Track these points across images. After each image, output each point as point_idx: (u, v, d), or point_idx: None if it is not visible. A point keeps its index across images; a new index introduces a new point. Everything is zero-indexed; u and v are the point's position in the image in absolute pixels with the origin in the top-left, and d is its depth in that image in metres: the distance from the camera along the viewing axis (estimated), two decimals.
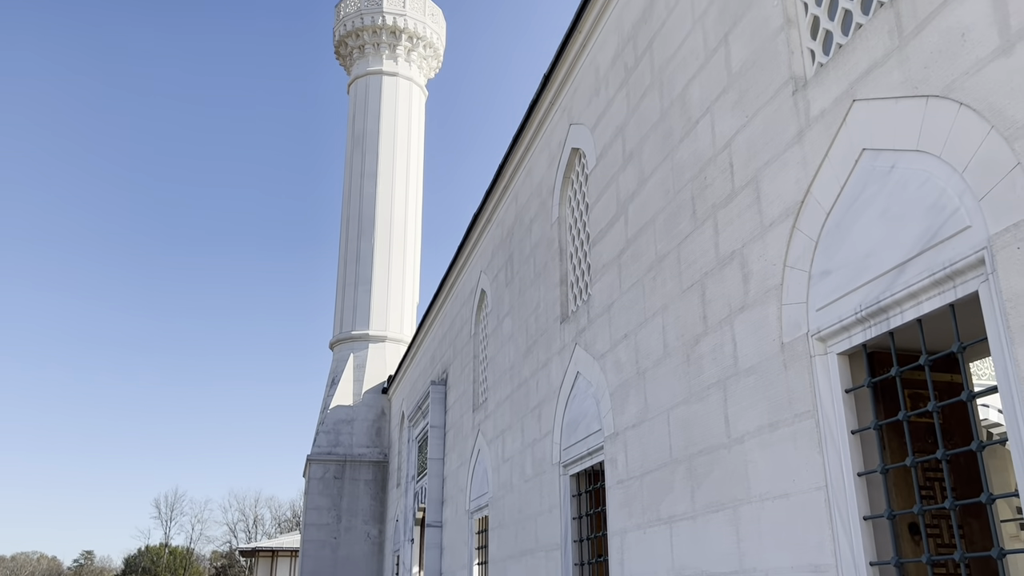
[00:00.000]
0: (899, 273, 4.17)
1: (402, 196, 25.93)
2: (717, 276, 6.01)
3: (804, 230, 5.01)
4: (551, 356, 9.85)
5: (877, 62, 4.46)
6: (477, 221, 14.07)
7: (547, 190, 10.56)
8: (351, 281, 25.05)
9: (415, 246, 26.10)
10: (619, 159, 8.08)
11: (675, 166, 6.84)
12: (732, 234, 5.85)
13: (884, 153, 4.38)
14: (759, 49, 5.65)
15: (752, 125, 5.67)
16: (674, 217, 6.78)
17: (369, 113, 26.63)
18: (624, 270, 7.76)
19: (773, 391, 5.20)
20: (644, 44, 7.65)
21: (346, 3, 27.70)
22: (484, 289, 13.79)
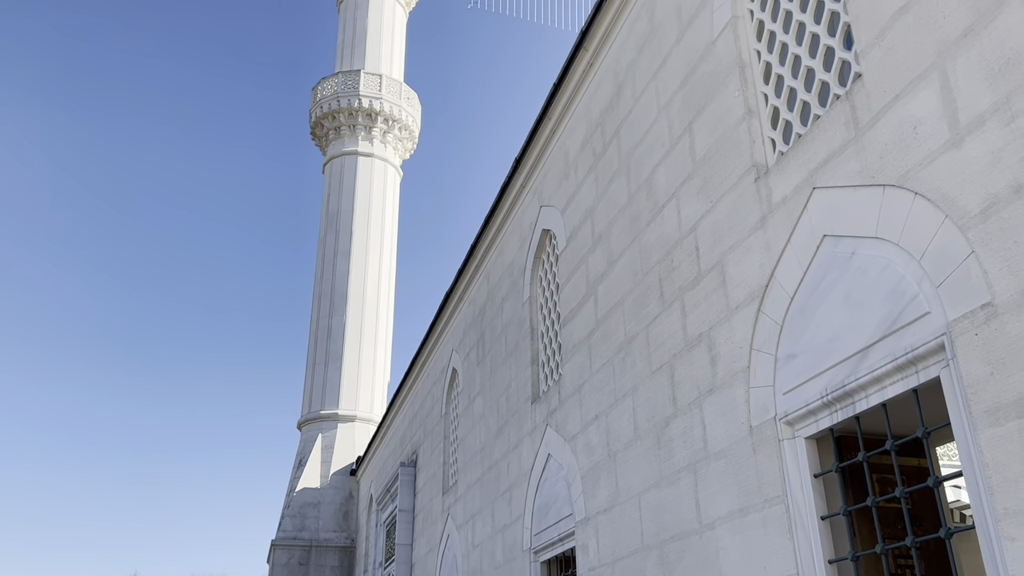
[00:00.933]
0: (862, 358, 4.21)
1: (375, 274, 25.96)
2: (686, 358, 6.03)
3: (769, 314, 5.07)
4: (522, 437, 9.74)
5: (835, 152, 4.61)
6: (449, 299, 14.09)
7: (518, 270, 10.63)
8: (321, 359, 24.78)
9: (387, 324, 26.00)
10: (588, 241, 8.19)
11: (643, 249, 6.93)
12: (699, 316, 5.90)
13: (844, 239, 4.48)
14: (722, 137, 5.82)
15: (717, 210, 5.79)
16: (643, 298, 6.84)
17: (344, 192, 26.87)
18: (594, 350, 7.77)
19: (743, 475, 5.16)
20: (612, 131, 7.85)
21: (323, 86, 28.26)
22: (455, 368, 13.70)
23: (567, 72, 8.81)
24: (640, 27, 7.42)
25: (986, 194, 3.57)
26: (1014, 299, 3.39)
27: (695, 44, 6.32)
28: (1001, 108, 3.54)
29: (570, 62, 8.67)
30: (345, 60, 29.00)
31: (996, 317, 3.46)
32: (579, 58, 8.59)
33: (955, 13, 3.83)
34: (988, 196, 3.56)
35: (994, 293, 3.48)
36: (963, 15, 3.78)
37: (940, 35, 3.91)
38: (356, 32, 29.29)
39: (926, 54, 3.99)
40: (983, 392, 3.50)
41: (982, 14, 3.68)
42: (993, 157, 3.55)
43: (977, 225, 3.60)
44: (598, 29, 8.20)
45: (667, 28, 6.85)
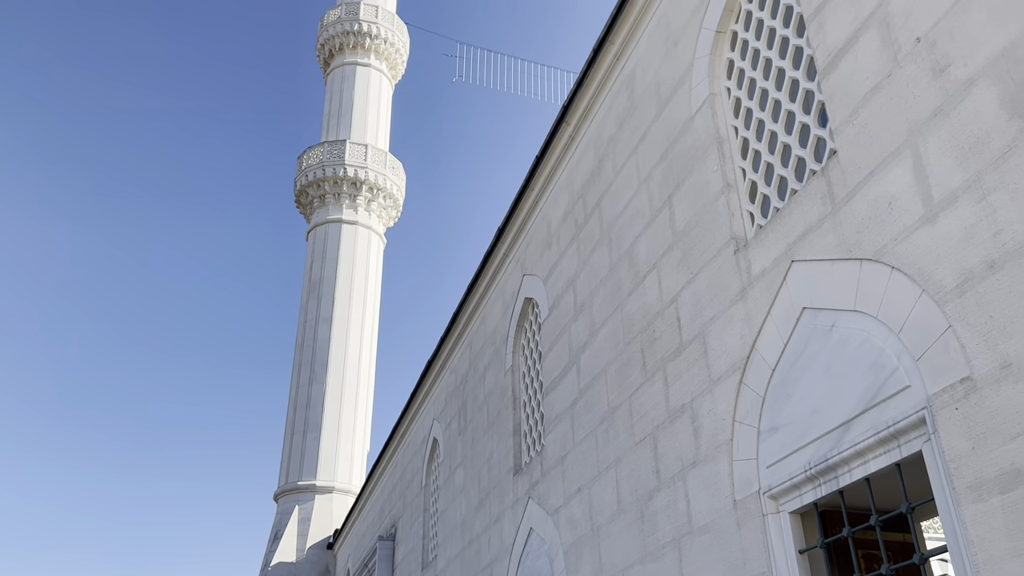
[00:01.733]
0: (845, 431, 4.20)
1: (356, 341, 25.81)
2: (669, 429, 5.99)
3: (751, 385, 5.06)
4: (504, 510, 9.56)
5: (812, 226, 4.68)
6: (431, 368, 13.99)
7: (501, 338, 10.61)
8: (300, 428, 24.40)
9: (367, 392, 25.73)
10: (571, 310, 8.20)
11: (625, 318, 6.95)
12: (682, 387, 5.88)
13: (824, 312, 4.52)
14: (701, 210, 5.91)
15: (697, 281, 5.83)
16: (625, 368, 6.82)
17: (327, 259, 26.91)
18: (577, 421, 7.70)
19: (728, 551, 5.07)
20: (593, 202, 7.96)
21: (309, 155, 28.58)
22: (436, 438, 13.52)
23: (549, 145, 8.97)
24: (620, 103, 7.60)
25: (961, 269, 3.62)
26: (992, 373, 3.41)
27: (674, 120, 6.47)
28: (972, 186, 3.62)
29: (552, 135, 8.84)
30: (331, 130, 29.42)
31: (975, 391, 3.47)
32: (561, 131, 8.76)
33: (925, 94, 3.95)
34: (963, 271, 3.61)
35: (972, 367, 3.50)
36: (932, 96, 3.90)
37: (911, 115, 4.02)
38: (343, 103, 29.80)
39: (898, 132, 4.10)
40: (965, 467, 3.48)
41: (950, 95, 3.80)
42: (966, 233, 3.62)
43: (953, 300, 3.64)
44: (579, 104, 8.39)
45: (646, 104, 7.02)
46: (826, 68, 4.71)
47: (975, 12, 3.71)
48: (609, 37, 7.68)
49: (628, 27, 7.44)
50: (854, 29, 4.50)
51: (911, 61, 4.06)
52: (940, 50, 3.88)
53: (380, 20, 30.81)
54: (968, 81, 3.71)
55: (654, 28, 7.05)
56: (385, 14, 31.17)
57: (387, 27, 30.94)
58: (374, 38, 30.52)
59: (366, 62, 30.52)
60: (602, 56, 7.85)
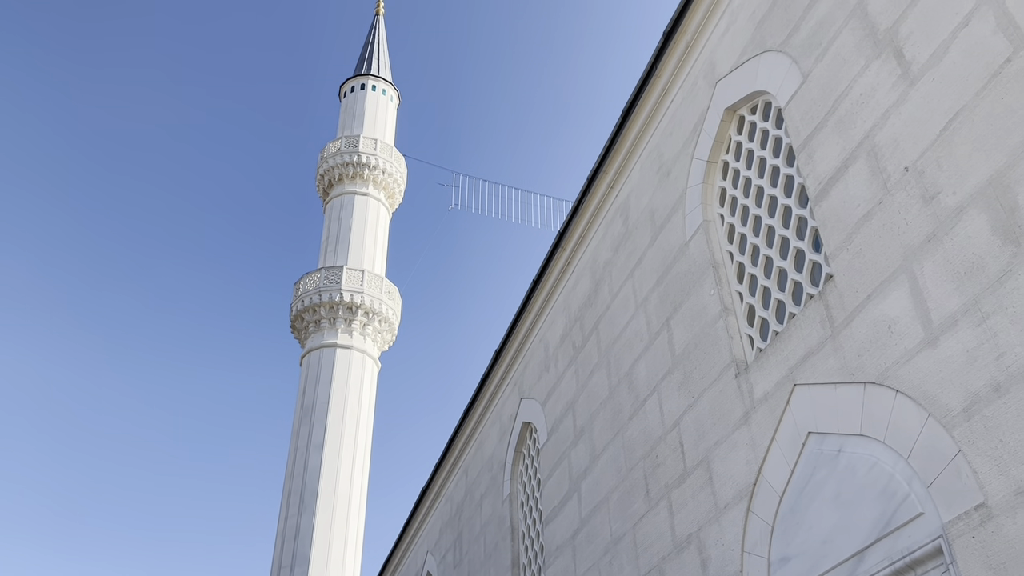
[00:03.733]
0: (859, 562, 4.05)
1: (348, 468, 25.24)
2: (676, 561, 5.77)
3: (759, 513, 4.93)
4: None
5: (813, 349, 4.69)
6: (425, 496, 13.61)
7: (498, 464, 10.39)
8: (287, 563, 23.48)
9: (359, 523, 24.93)
10: (570, 434, 8.08)
11: (626, 443, 6.84)
12: (687, 516, 5.71)
13: (830, 437, 4.45)
14: (700, 333, 5.93)
15: (699, 405, 5.78)
16: (628, 496, 6.65)
17: (320, 384, 26.71)
18: (579, 552, 7.43)
19: None
20: (591, 325, 7.99)
21: (305, 280, 28.90)
22: (431, 572, 12.98)
23: (546, 269, 9.09)
24: (615, 229, 7.77)
25: (966, 392, 3.61)
26: (1007, 500, 3.33)
27: (669, 245, 6.60)
28: (971, 309, 3.66)
29: (548, 259, 8.98)
30: (329, 256, 29.88)
31: (992, 519, 3.38)
32: (557, 256, 8.90)
33: (917, 220, 4.06)
34: (969, 395, 3.59)
35: (987, 494, 3.42)
36: (924, 222, 4.00)
37: (905, 240, 4.11)
38: (340, 230, 30.41)
39: (893, 257, 4.17)
40: None
41: (942, 221, 3.90)
42: (969, 356, 3.63)
43: (961, 424, 3.60)
44: (575, 229, 8.58)
45: (641, 230, 7.18)
46: (818, 196, 4.85)
47: (960, 143, 3.87)
48: (603, 167, 7.94)
49: (622, 157, 7.70)
50: (843, 159, 4.67)
51: (901, 189, 4.19)
52: (929, 179, 4.01)
53: (379, 152, 31.90)
54: (958, 208, 3.82)
55: (647, 158, 7.31)
56: (383, 146, 32.30)
57: (385, 158, 32.00)
58: (372, 169, 31.50)
59: (364, 191, 31.38)
60: (596, 184, 8.09)
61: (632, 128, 7.49)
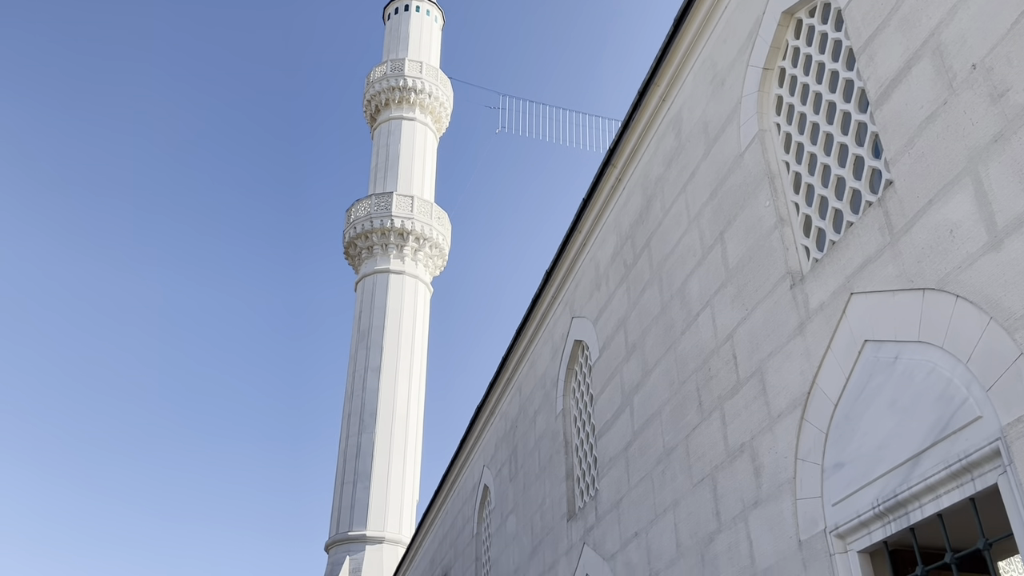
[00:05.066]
0: (914, 465, 4.07)
1: (404, 390, 25.92)
2: (728, 470, 5.87)
3: (813, 422, 4.96)
4: (558, 557, 9.41)
5: (871, 257, 4.62)
6: (480, 414, 13.96)
7: (551, 382, 10.57)
8: (350, 479, 24.44)
9: (416, 440, 25.72)
10: (622, 351, 8.16)
11: (678, 358, 6.88)
12: (740, 426, 5.78)
13: (887, 344, 4.43)
14: (755, 246, 5.87)
15: (753, 318, 5.77)
16: (680, 409, 6.73)
17: (375, 308, 27.24)
18: (632, 464, 7.60)
19: None
20: (642, 242, 7.96)
21: (357, 207, 29.17)
22: (487, 485, 13.42)
23: (596, 187, 9.03)
24: (667, 143, 7.65)
25: None
26: None
27: (723, 157, 6.49)
28: None
29: (599, 177, 8.91)
30: (378, 183, 30.04)
31: None
32: (608, 173, 8.82)
33: (983, 120, 3.91)
34: None
35: None
36: (991, 122, 3.86)
37: (970, 141, 3.98)
38: (389, 156, 30.45)
39: (957, 160, 4.05)
40: None
41: (1010, 120, 3.76)
42: None
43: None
44: (626, 145, 8.46)
45: (694, 143, 7.05)
46: (879, 99, 4.70)
47: None
48: (654, 79, 7.76)
49: (673, 68, 7.52)
50: (906, 59, 4.49)
51: (967, 88, 4.03)
52: (997, 76, 3.85)
53: (424, 75, 31.58)
54: None
55: (700, 68, 7.12)
56: (429, 69, 31.94)
57: (431, 82, 31.68)
58: (419, 93, 31.25)
59: (411, 116, 31.23)
60: (648, 98, 7.93)
61: (684, 37, 7.28)
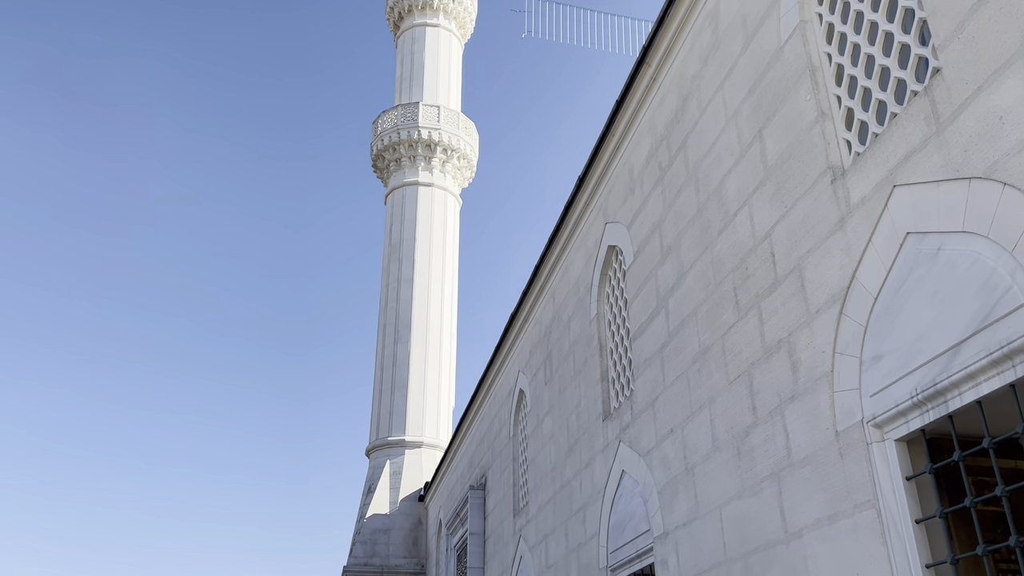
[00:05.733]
0: (954, 354, 4.12)
1: (438, 300, 26.25)
2: (764, 366, 5.96)
3: (852, 316, 4.99)
4: (594, 455, 9.70)
5: (915, 148, 4.55)
6: (514, 321, 14.17)
7: (584, 288, 10.66)
8: (387, 387, 25.09)
9: (451, 350, 26.21)
10: (657, 254, 8.18)
11: (715, 258, 6.90)
12: (778, 323, 5.83)
13: (929, 236, 4.41)
14: (794, 142, 5.79)
15: (792, 215, 5.74)
16: (716, 308, 6.79)
17: (406, 221, 27.34)
18: (667, 364, 7.73)
19: (830, 482, 5.06)
20: (678, 143, 7.87)
21: (383, 119, 28.92)
22: (523, 389, 13.73)
23: (629, 88, 8.87)
24: (704, 39, 7.45)
25: None
26: None
27: (762, 51, 6.33)
28: None
29: (632, 78, 8.74)
30: (404, 93, 29.65)
31: None
32: (641, 74, 8.65)
33: None
34: None
35: None
36: None
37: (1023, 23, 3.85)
38: (414, 65, 29.93)
39: (1009, 43, 3.93)
40: None
41: None
42: None
43: None
44: (660, 44, 8.26)
45: (732, 38, 6.87)
46: None
47: None
48: None
49: None
50: None
51: None
52: None
53: None
54: None
55: None
56: None
57: None
58: None
59: (435, 22, 30.51)
60: None
61: None
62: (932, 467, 4.38)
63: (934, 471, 4.39)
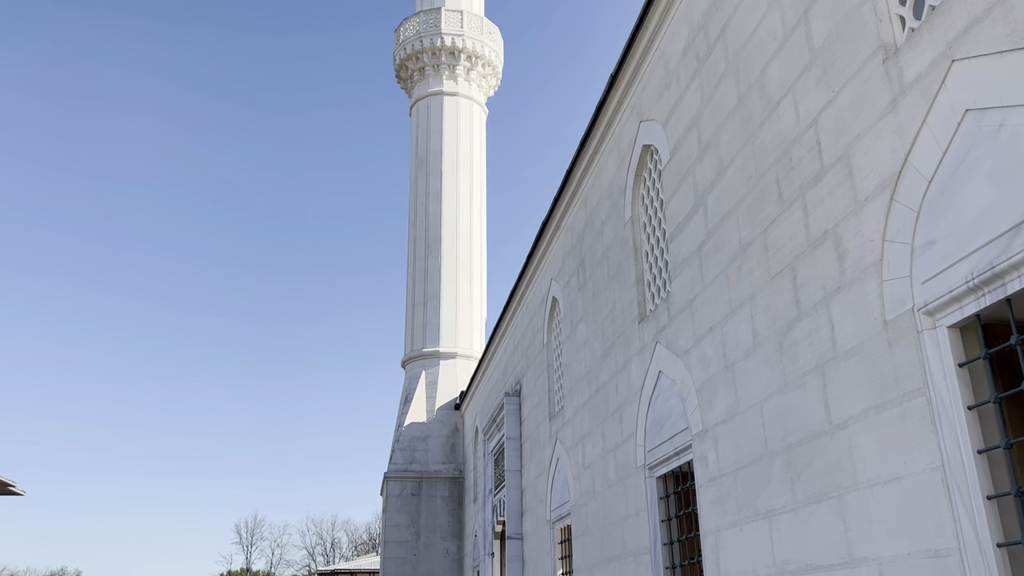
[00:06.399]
0: (1015, 235, 3.95)
1: (467, 213, 26.12)
2: (809, 258, 5.82)
3: (903, 201, 4.81)
4: (630, 357, 9.71)
5: (977, 18, 4.26)
6: (545, 229, 14.04)
7: (618, 190, 10.46)
8: (420, 300, 25.28)
9: (481, 261, 26.23)
10: (695, 151, 7.95)
11: (757, 151, 6.67)
12: (823, 214, 5.66)
13: (990, 112, 4.17)
14: (843, 21, 5.48)
15: (839, 100, 5.49)
16: (758, 203, 6.61)
17: (431, 133, 26.97)
18: (705, 262, 7.60)
19: (877, 372, 4.98)
20: (716, 32, 7.52)
21: (405, 27, 28.20)
22: (555, 296, 13.72)
23: None
24: None
25: None
26: None
27: None
28: None
29: None
30: None
31: None
32: None
33: None
34: None
35: None
36: None
37: None
38: None
39: None
40: None
41: None
42: None
43: None
44: None
45: None
46: None
47: None
48: None
49: None
50: None
51: None
52: None
53: None
54: None
55: None
56: None
57: None
58: None
59: None
60: None
61: None
62: (987, 352, 4.27)
63: (988, 357, 4.28)
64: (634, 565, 9.20)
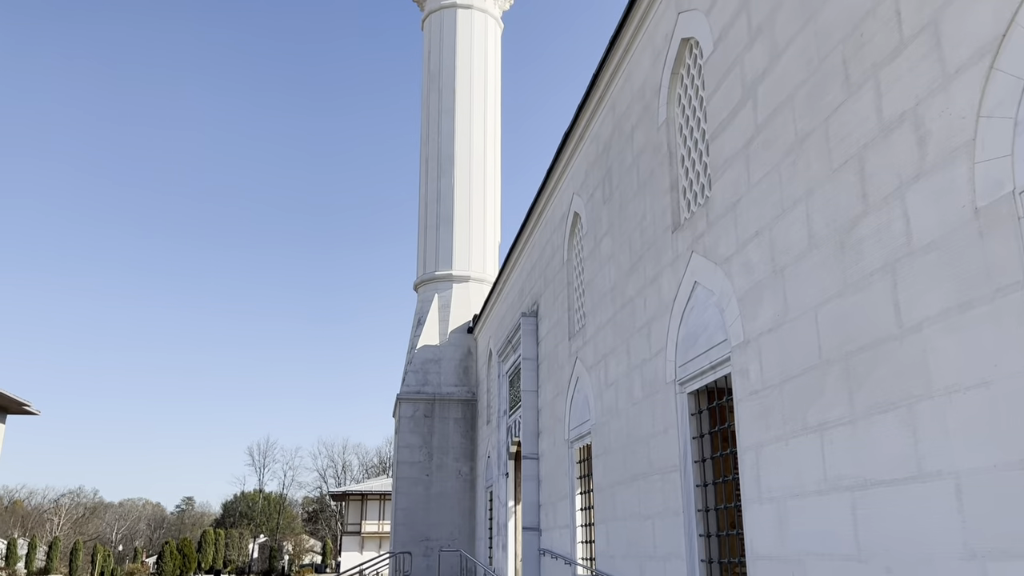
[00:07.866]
0: None
1: (480, 132, 25.28)
2: (881, 145, 5.21)
3: (1006, 69, 4.18)
4: (661, 269, 9.17)
5: None
6: (568, 141, 13.35)
7: (652, 91, 9.76)
8: (432, 222, 24.70)
9: (495, 183, 25.52)
10: (743, 38, 7.24)
11: (819, 30, 5.99)
12: (901, 93, 5.02)
13: None
14: None
15: None
16: (819, 88, 5.96)
17: (444, 48, 25.93)
18: (753, 161, 6.99)
19: (963, 266, 4.43)
20: None
21: None
22: (577, 212, 13.12)
23: None
24: None
25: None
26: None
27: None
28: None
29: None
30: None
31: None
32: None
33: None
34: None
35: None
36: None
37: None
38: None
39: None
40: None
41: None
42: None
43: None
44: None
45: None
46: None
47: None
48: None
49: None
50: None
51: None
52: None
53: None
54: None
55: None
56: None
57: None
58: None
59: None
60: None
61: None
62: None
63: None
64: (661, 483, 8.85)
